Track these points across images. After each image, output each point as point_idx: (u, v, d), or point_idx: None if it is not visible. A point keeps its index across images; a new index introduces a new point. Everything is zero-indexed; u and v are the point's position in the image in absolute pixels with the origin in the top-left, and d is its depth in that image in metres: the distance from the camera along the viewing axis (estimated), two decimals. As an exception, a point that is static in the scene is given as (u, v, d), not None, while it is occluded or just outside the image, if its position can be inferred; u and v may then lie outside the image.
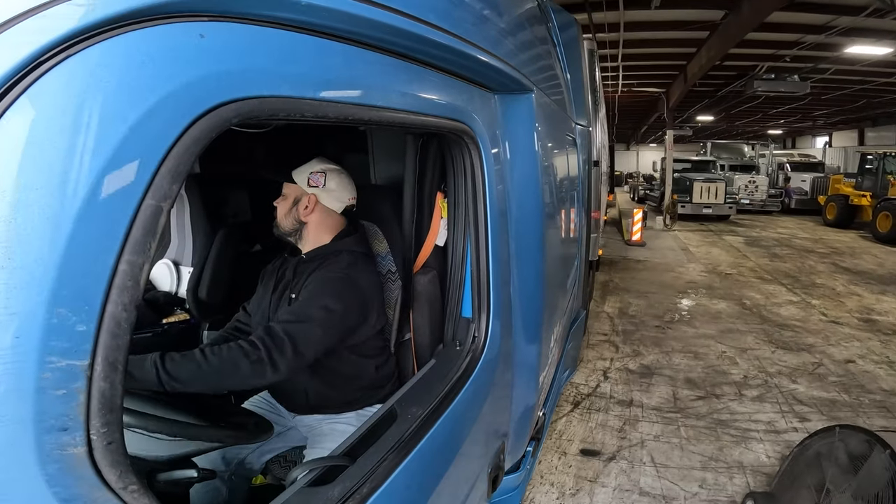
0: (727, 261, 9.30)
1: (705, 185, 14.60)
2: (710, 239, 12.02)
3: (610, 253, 9.70)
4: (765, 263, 8.98)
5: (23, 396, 0.46)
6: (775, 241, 11.53)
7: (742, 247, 10.88)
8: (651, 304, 6.38)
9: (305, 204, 1.55)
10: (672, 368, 4.48)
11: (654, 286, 7.31)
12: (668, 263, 8.98)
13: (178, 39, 0.54)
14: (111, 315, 0.50)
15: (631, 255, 9.67)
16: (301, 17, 0.69)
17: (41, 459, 0.48)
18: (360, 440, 1.12)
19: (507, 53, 1.35)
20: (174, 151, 0.53)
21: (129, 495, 0.55)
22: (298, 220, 1.55)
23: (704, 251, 10.31)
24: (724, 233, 13.04)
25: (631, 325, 5.62)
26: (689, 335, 5.29)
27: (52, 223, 0.46)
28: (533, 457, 2.12)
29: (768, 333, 5.36)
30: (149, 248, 0.52)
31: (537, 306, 1.69)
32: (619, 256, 9.50)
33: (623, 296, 6.81)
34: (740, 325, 5.63)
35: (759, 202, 16.45)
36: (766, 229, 13.63)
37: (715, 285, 7.46)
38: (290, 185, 1.55)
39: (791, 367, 4.50)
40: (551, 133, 1.91)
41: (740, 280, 7.83)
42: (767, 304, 6.49)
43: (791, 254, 9.92)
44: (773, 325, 5.64)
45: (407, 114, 0.99)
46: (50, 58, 0.45)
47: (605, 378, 4.26)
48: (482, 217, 1.33)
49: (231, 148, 2.39)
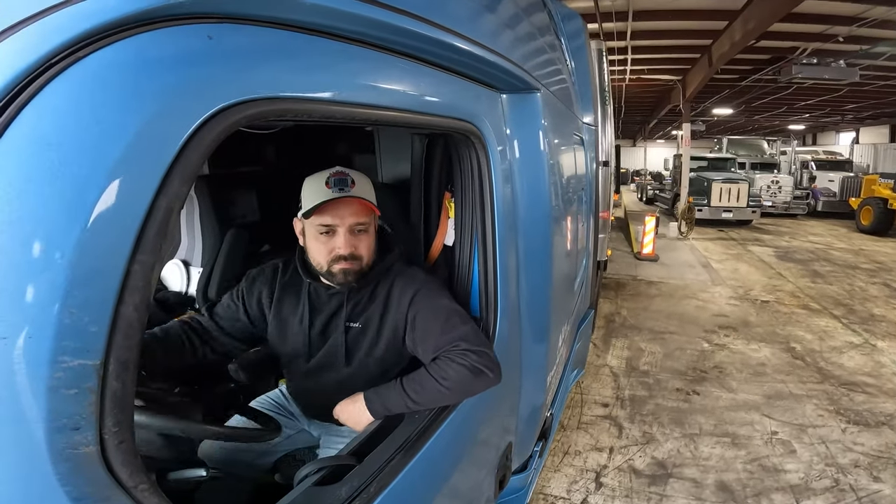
0: (760, 282, 7.46)
1: (725, 186, 12.76)
2: (733, 250, 10.08)
3: (617, 270, 8.08)
4: (807, 286, 7.20)
5: (35, 395, 0.46)
6: (811, 254, 9.63)
7: (774, 261, 8.96)
8: (670, 352, 4.72)
9: (375, 224, 1.34)
10: (699, 465, 2.99)
11: (674, 321, 5.59)
12: (689, 286, 7.16)
13: (187, 41, 0.55)
14: (123, 315, 0.50)
15: (642, 275, 7.81)
16: (307, 19, 0.69)
17: (53, 458, 0.48)
18: (368, 440, 1.12)
19: (514, 53, 1.34)
20: (184, 153, 0.53)
21: (140, 494, 0.56)
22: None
23: (730, 268, 8.41)
24: (748, 242, 11.06)
25: (642, 387, 4.01)
26: (724, 404, 3.73)
27: (64, 225, 0.46)
28: (540, 457, 2.11)
29: (832, 398, 3.85)
30: (160, 249, 0.53)
31: (545, 306, 1.68)
32: (629, 277, 7.70)
33: (633, 338, 5.09)
34: (793, 385, 4.07)
35: (783, 204, 14.60)
36: (795, 237, 11.74)
37: (751, 319, 5.70)
38: (370, 211, 1.28)
39: (870, 455, 3.12)
40: (558, 132, 1.90)
41: (782, 311, 6.04)
42: (823, 348, 4.86)
43: (834, 271, 8.14)
44: (837, 382, 4.11)
45: (413, 114, 0.99)
46: (60, 60, 0.46)
47: (598, 486, 2.79)
48: (489, 217, 1.32)
49: (240, 149, 2.41)
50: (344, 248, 1.24)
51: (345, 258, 1.25)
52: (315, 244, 1.27)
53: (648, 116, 22.35)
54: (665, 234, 11.04)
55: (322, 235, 1.25)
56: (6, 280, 0.45)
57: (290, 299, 1.38)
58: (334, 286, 1.31)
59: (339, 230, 1.24)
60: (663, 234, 10.87)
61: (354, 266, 1.27)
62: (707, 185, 12.87)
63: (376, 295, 1.34)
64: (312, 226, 1.25)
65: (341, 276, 1.27)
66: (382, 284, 1.34)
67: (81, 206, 0.47)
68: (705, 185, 12.92)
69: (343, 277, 1.27)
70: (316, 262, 1.29)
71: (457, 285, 1.45)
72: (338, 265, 1.26)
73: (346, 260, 1.25)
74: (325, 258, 1.26)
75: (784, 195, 14.58)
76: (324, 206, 1.21)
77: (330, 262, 1.26)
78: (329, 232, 1.24)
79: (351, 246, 1.25)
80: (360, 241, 1.27)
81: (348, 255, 1.25)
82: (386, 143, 2.03)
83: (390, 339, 1.32)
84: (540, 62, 1.71)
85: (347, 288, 1.31)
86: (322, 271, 1.29)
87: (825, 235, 12.05)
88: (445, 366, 1.20)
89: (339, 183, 1.22)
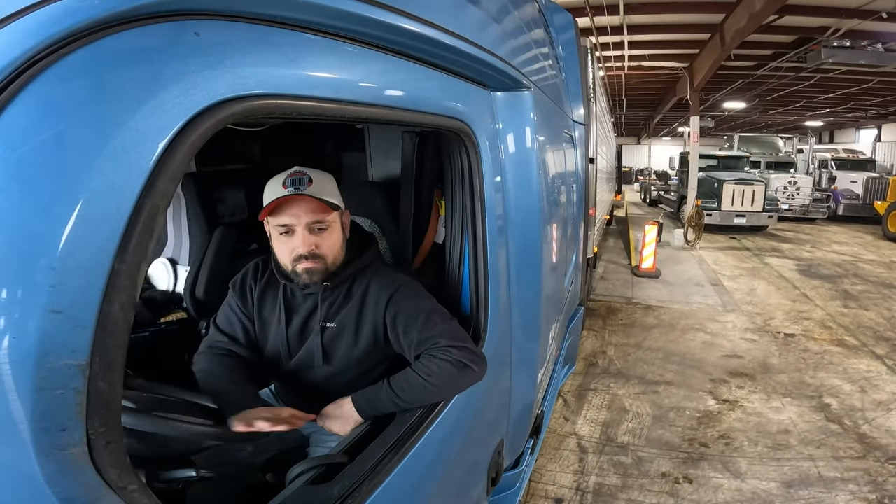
0: (782, 307, 6.08)
1: (738, 187, 11.26)
2: (748, 263, 8.60)
3: (609, 290, 6.74)
4: (838, 312, 5.87)
5: (21, 396, 0.46)
6: (838, 268, 8.22)
7: (796, 278, 7.53)
8: (662, 413, 3.54)
9: (342, 222, 1.32)
10: None
11: (672, 365, 4.35)
12: (695, 313, 5.80)
13: (174, 38, 0.54)
14: (109, 315, 0.50)
15: (639, 297, 6.46)
16: (296, 16, 0.69)
17: (40, 459, 0.48)
18: (360, 439, 1.12)
19: (504, 51, 1.35)
20: (170, 151, 0.53)
21: (129, 494, 0.56)
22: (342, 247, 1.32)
23: (745, 287, 7.02)
24: (764, 252, 9.57)
25: (616, 470, 2.91)
26: (724, 499, 2.67)
27: (47, 223, 0.46)
28: (532, 453, 2.13)
29: (876, 481, 2.80)
30: (146, 248, 0.52)
31: (535, 303, 1.69)
32: (622, 300, 6.31)
33: (616, 390, 3.88)
34: (824, 463, 2.96)
35: (801, 208, 13.27)
36: (818, 246, 10.27)
37: (772, 362, 4.44)
38: (329, 209, 1.25)
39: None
40: (548, 130, 1.91)
41: (811, 349, 4.74)
42: (865, 404, 3.69)
43: (867, 291, 6.79)
44: (884, 456, 3.03)
45: (404, 111, 0.99)
46: (44, 57, 0.45)
47: None
48: (479, 214, 1.33)
49: (228, 147, 2.38)
50: (302, 246, 1.23)
51: (305, 257, 1.23)
52: (278, 245, 1.27)
53: (653, 111, 20.75)
54: (669, 243, 9.73)
55: (282, 236, 1.24)
56: (-11, 280, 0.44)
57: (269, 300, 1.38)
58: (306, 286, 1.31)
59: (297, 229, 1.22)
60: (667, 243, 9.59)
61: (318, 265, 1.24)
62: (718, 187, 11.41)
63: (352, 294, 1.33)
64: (273, 227, 1.25)
65: (306, 276, 1.25)
66: (358, 284, 1.33)
67: (66, 205, 0.46)
68: (715, 186, 11.49)
69: (308, 277, 1.25)
70: (282, 263, 1.28)
71: (447, 283, 1.46)
72: (300, 265, 1.24)
73: (306, 259, 1.23)
74: (288, 258, 1.25)
75: (802, 197, 13.35)
76: (280, 206, 1.20)
77: (293, 262, 1.25)
78: (288, 232, 1.23)
79: (310, 244, 1.23)
80: (322, 240, 1.25)
81: (308, 254, 1.23)
82: (376, 141, 2.03)
83: (370, 339, 1.32)
84: (530, 59, 1.72)
85: (318, 288, 1.30)
86: (289, 271, 1.28)
87: (850, 244, 10.67)
88: (429, 363, 1.21)
89: (296, 182, 1.21)
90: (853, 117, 20.25)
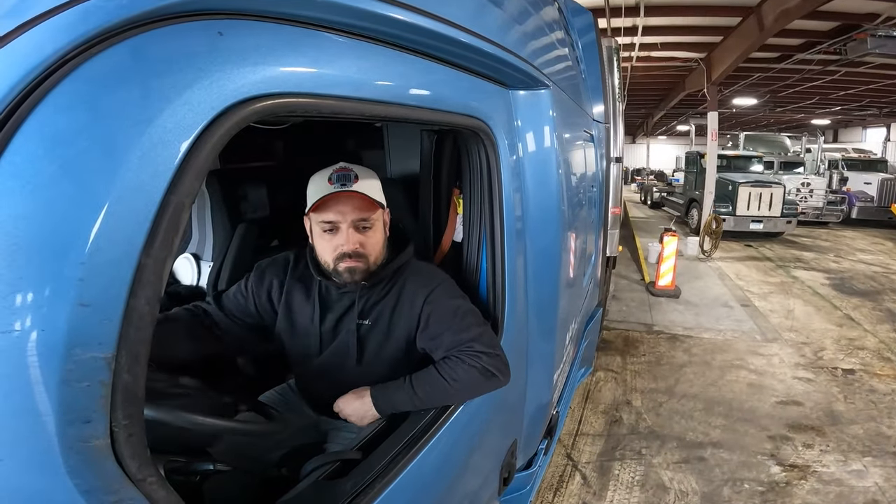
0: (829, 333, 5.19)
1: (755, 190, 10.38)
2: (775, 277, 7.64)
3: (624, 313, 5.71)
4: (892, 338, 5.10)
5: (48, 388, 0.47)
6: (872, 282, 7.35)
7: (832, 295, 6.62)
8: (714, 489, 2.74)
9: (384, 221, 1.31)
10: None
11: (717, 418, 3.49)
12: (731, 343, 4.88)
13: (197, 38, 0.55)
14: (135, 309, 0.51)
15: (661, 322, 5.47)
16: (317, 15, 0.69)
17: (64, 451, 0.49)
18: (374, 435, 1.13)
19: (523, 49, 1.34)
20: (195, 149, 0.54)
21: (148, 487, 0.57)
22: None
23: (780, 307, 6.08)
24: (788, 263, 8.61)
25: None
26: None
27: (76, 220, 0.47)
28: (546, 454, 2.11)
29: None
30: (171, 244, 0.53)
31: (553, 303, 1.68)
32: (642, 326, 5.32)
33: (651, 459, 3.01)
34: None
35: (814, 211, 12.55)
36: (841, 255, 9.39)
37: (838, 409, 3.65)
38: (374, 207, 1.25)
39: None
40: (568, 129, 1.89)
41: (878, 388, 3.99)
42: None
43: None
44: None
45: (422, 110, 0.99)
46: (71, 59, 0.46)
47: None
48: (498, 213, 1.32)
49: (250, 144, 2.42)
50: (348, 244, 1.21)
51: (349, 255, 1.22)
52: (320, 242, 1.26)
53: (654, 109, 19.31)
54: (682, 252, 8.54)
55: (326, 233, 1.23)
56: (20, 273, 0.46)
57: (301, 295, 1.37)
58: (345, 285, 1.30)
59: (342, 227, 1.21)
60: (680, 253, 8.42)
61: (361, 264, 1.23)
62: (732, 190, 10.58)
63: (388, 293, 1.32)
64: (317, 223, 1.24)
65: (347, 274, 1.24)
66: (395, 282, 1.32)
67: (94, 202, 0.47)
68: (730, 188, 10.68)
69: (350, 276, 1.24)
70: (323, 261, 1.27)
71: (465, 281, 1.45)
72: (343, 263, 1.23)
73: (350, 258, 1.22)
74: (331, 256, 1.24)
75: (815, 200, 12.57)
76: (326, 203, 1.18)
77: (335, 260, 1.23)
78: (333, 229, 1.22)
79: (355, 243, 1.22)
80: (366, 238, 1.23)
81: (353, 253, 1.21)
82: (395, 138, 2.03)
83: (402, 338, 1.31)
84: (549, 58, 1.70)
85: (356, 287, 1.28)
86: (329, 269, 1.27)
87: (873, 252, 9.87)
88: (456, 366, 1.19)
89: (342, 178, 1.19)
90: (861, 116, 18.92)
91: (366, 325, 1.32)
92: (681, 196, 13.28)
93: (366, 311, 1.32)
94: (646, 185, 18.92)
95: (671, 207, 14.12)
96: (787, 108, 17.14)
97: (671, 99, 14.89)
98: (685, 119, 18.14)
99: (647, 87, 14.42)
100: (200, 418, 0.96)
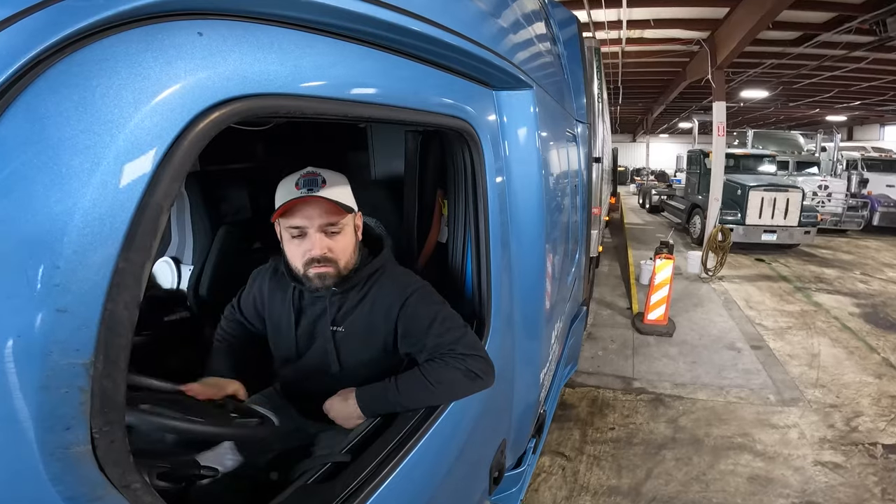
0: (866, 387, 3.96)
1: (768, 195, 8.67)
2: (793, 304, 6.13)
3: (598, 361, 4.42)
4: None
5: (26, 395, 0.46)
6: None
7: (865, 329, 5.24)
8: None
9: (355, 225, 1.29)
10: None
11: None
12: (734, 408, 3.63)
13: (177, 38, 0.54)
14: (113, 313, 0.50)
15: (643, 374, 4.19)
16: (300, 15, 0.69)
17: (45, 458, 0.48)
18: (363, 438, 1.12)
19: (507, 50, 1.34)
20: (174, 150, 0.53)
21: (133, 493, 0.56)
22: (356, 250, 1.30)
23: (802, 350, 4.71)
24: (808, 284, 7.05)
25: None
26: None
27: (51, 222, 0.46)
28: (534, 453, 2.13)
29: None
30: (150, 247, 0.52)
31: (538, 303, 1.69)
32: (618, 381, 4.08)
33: None
34: None
35: (833, 217, 10.96)
36: (868, 272, 7.75)
37: None
38: (343, 211, 1.21)
39: None
40: (551, 129, 1.91)
41: None
42: None
43: None
44: None
45: (406, 111, 0.99)
46: (48, 58, 0.45)
47: None
48: (482, 213, 1.32)
49: (231, 146, 2.39)
50: (315, 249, 1.20)
51: (318, 261, 1.20)
52: (289, 247, 1.24)
53: (653, 103, 17.37)
54: (681, 270, 7.12)
55: (295, 239, 1.21)
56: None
57: (279, 300, 1.37)
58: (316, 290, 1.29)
59: (309, 231, 1.19)
60: (679, 270, 7.12)
61: (330, 269, 1.22)
62: (741, 195, 8.84)
63: (362, 299, 1.30)
64: (285, 228, 1.22)
65: (317, 280, 1.22)
66: (370, 287, 1.31)
67: (69, 205, 0.46)
68: (738, 193, 8.94)
69: (320, 282, 1.23)
70: (294, 266, 1.26)
71: (450, 282, 1.46)
72: (312, 269, 1.21)
73: (319, 263, 1.20)
74: (300, 261, 1.22)
75: (834, 205, 10.97)
76: (292, 208, 1.17)
77: (304, 266, 1.22)
78: (301, 234, 1.20)
79: (324, 248, 1.20)
80: (335, 243, 1.22)
81: (321, 258, 1.20)
82: (379, 140, 2.03)
83: (381, 343, 1.31)
84: (533, 59, 1.71)
85: (328, 292, 1.28)
86: (300, 275, 1.25)
87: None
88: (440, 368, 1.20)
89: (309, 183, 1.17)
90: (880, 112, 16.82)
91: (340, 332, 1.31)
92: (682, 200, 11.81)
93: (339, 319, 1.31)
94: (644, 186, 17.46)
95: (671, 213, 12.75)
96: (800, 103, 15.39)
97: (671, 91, 13.32)
98: (688, 115, 16.99)
99: (642, 77, 12.87)
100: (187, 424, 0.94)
